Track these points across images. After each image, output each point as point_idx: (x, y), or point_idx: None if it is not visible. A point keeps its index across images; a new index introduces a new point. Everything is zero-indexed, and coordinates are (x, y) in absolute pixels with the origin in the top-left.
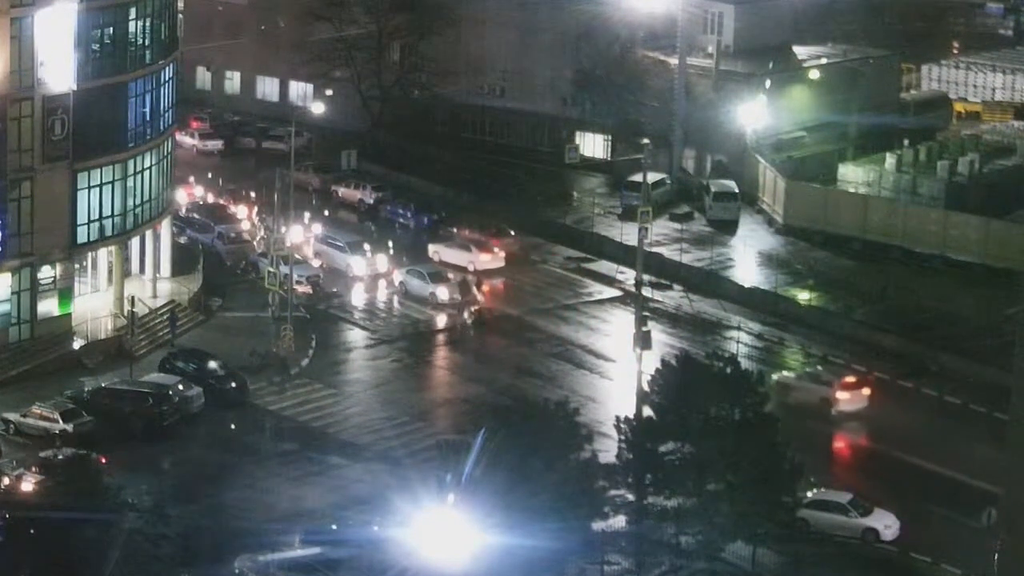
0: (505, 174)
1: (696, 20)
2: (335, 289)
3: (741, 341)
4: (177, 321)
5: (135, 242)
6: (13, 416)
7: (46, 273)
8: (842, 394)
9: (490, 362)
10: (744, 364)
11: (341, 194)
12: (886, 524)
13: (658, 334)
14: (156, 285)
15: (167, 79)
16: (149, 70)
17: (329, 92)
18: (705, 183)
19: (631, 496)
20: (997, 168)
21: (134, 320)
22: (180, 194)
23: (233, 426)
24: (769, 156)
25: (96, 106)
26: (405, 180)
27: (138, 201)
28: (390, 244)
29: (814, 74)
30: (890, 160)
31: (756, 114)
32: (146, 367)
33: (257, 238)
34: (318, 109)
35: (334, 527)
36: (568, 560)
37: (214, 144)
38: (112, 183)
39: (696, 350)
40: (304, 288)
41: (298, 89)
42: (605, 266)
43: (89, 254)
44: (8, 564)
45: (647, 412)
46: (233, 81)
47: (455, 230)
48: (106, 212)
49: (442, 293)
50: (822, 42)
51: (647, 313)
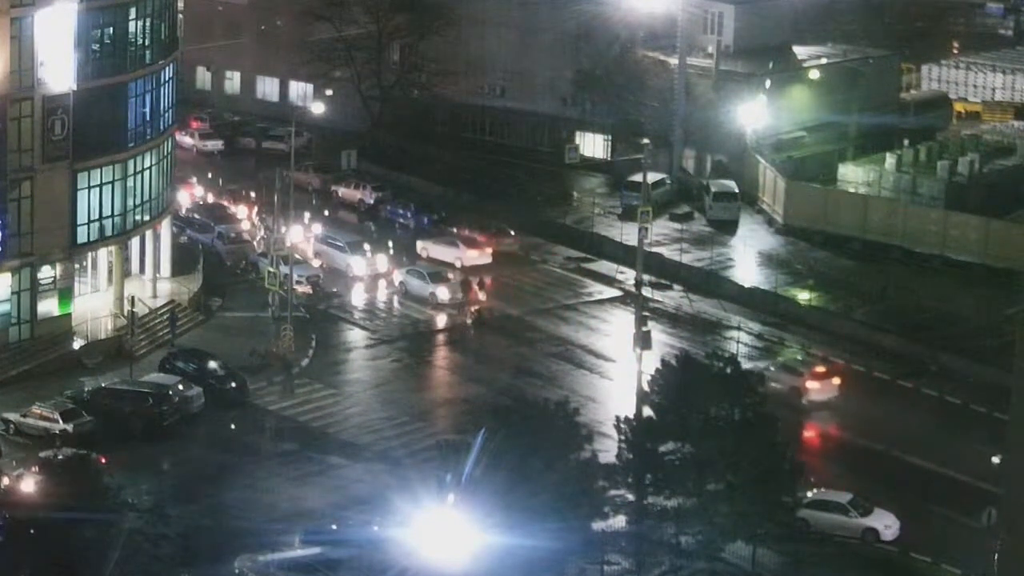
0: (505, 174)
1: (696, 20)
2: (335, 289)
3: (741, 341)
4: (177, 321)
5: (135, 242)
6: (13, 416)
7: (46, 273)
8: (812, 384)
9: (490, 362)
10: (744, 364)
11: (341, 194)
12: (886, 524)
13: (658, 334)
14: (156, 285)
15: (167, 79)
16: (149, 70)
17: (329, 92)
18: (705, 183)
19: (631, 496)
20: (997, 168)
21: (134, 320)
22: (183, 195)
23: (233, 426)
24: (769, 156)
25: (96, 106)
26: (405, 180)
27: (138, 201)
28: (390, 244)
29: (814, 74)
30: (890, 160)
31: (756, 114)
32: (146, 367)
33: (257, 238)
34: (318, 109)
35: (334, 527)
36: (568, 560)
37: (214, 144)
38: (112, 183)
39: (696, 350)
40: (304, 288)
41: (298, 89)
42: (605, 266)
43: (89, 254)
44: (8, 564)
45: (647, 412)
46: (233, 81)
47: (455, 230)
48: (106, 212)
49: (442, 293)
50: (822, 42)
51: (647, 313)
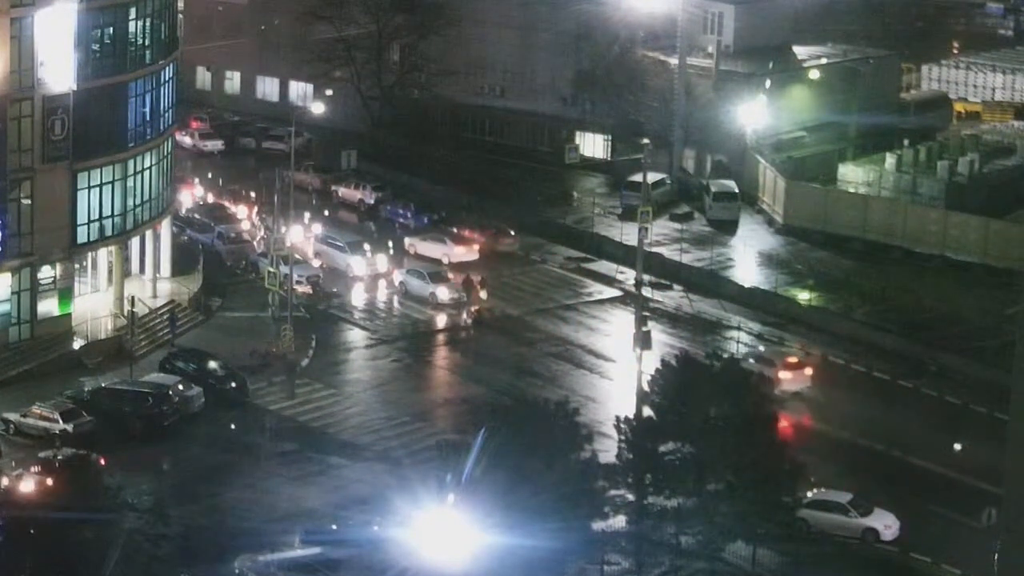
0: (505, 174)
1: (696, 20)
2: (335, 289)
3: (741, 341)
4: (177, 321)
5: (135, 242)
6: (13, 416)
7: (46, 273)
8: (784, 374)
9: (490, 362)
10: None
11: (341, 194)
12: (886, 524)
13: (658, 334)
14: (156, 285)
15: (167, 79)
16: (149, 70)
17: (329, 92)
18: (705, 183)
19: (631, 496)
20: (997, 168)
21: (134, 320)
22: (185, 195)
23: (233, 426)
24: (769, 156)
25: (96, 106)
26: (405, 180)
27: (138, 201)
28: (390, 244)
29: (814, 74)
30: (890, 160)
31: (756, 114)
32: (146, 367)
33: (257, 238)
34: (318, 109)
35: (334, 527)
36: (568, 560)
37: (214, 144)
38: (112, 183)
39: (696, 350)
40: (304, 288)
41: (298, 89)
42: (605, 266)
43: (89, 254)
44: (8, 564)
45: (647, 412)
46: (233, 81)
47: (455, 229)
48: (106, 212)
49: (442, 293)
50: (822, 42)
51: (647, 313)
